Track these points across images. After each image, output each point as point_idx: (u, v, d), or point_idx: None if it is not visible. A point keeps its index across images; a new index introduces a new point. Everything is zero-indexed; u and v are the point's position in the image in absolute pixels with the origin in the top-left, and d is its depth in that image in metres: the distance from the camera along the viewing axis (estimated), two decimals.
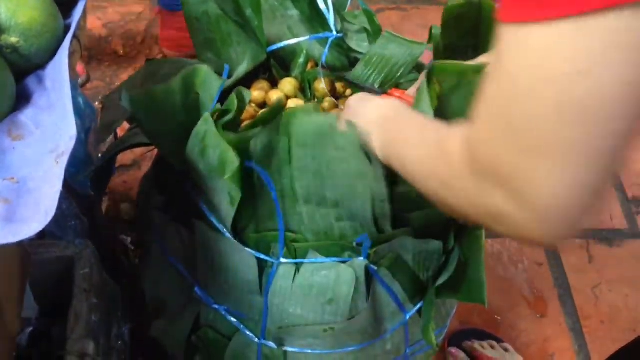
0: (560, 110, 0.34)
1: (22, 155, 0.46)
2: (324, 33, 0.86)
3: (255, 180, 0.68)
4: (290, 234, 0.71)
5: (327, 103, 0.84)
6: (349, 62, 0.89)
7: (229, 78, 0.80)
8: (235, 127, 0.71)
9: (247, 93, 0.71)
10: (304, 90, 0.87)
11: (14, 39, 0.50)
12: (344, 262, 0.71)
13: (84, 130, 0.94)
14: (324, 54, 0.86)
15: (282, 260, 0.71)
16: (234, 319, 0.77)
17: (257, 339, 0.77)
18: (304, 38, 0.87)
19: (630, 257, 1.29)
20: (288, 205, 0.69)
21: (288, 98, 0.84)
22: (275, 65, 0.87)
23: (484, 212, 0.42)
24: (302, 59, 0.88)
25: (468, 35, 0.75)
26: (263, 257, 0.72)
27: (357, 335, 0.75)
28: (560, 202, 0.37)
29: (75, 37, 0.55)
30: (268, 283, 0.73)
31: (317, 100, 0.85)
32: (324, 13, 0.83)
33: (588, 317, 1.20)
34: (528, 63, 0.35)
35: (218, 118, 0.67)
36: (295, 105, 0.81)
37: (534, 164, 0.37)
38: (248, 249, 0.72)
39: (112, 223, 1.19)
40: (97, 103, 1.34)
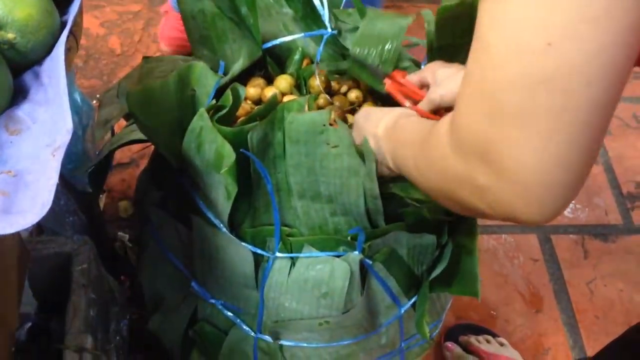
0: (530, 81, 0.36)
1: (19, 149, 0.47)
2: (319, 30, 0.87)
3: (251, 174, 0.68)
4: (286, 229, 0.72)
5: (322, 100, 0.85)
6: (344, 59, 0.89)
7: (225, 75, 0.81)
8: (231, 123, 0.72)
9: (242, 89, 0.71)
10: (300, 87, 0.88)
11: (11, 35, 0.51)
12: (339, 256, 0.72)
13: (81, 127, 0.94)
14: (319, 51, 0.87)
15: (277, 255, 0.72)
16: (231, 313, 0.78)
17: (253, 333, 0.78)
18: (299, 35, 0.87)
19: (625, 252, 1.30)
20: (283, 200, 0.70)
21: (284, 95, 0.84)
22: (271, 63, 0.88)
23: (472, 191, 0.42)
24: (297, 56, 0.88)
25: (462, 35, 0.76)
26: (259, 251, 0.73)
27: (352, 329, 0.76)
28: (536, 173, 0.38)
29: (72, 33, 0.56)
30: (264, 277, 0.73)
31: (312, 97, 0.86)
32: (319, 10, 0.84)
33: (583, 311, 1.21)
34: (502, 34, 0.37)
35: (213, 114, 0.68)
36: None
37: (507, 135, 0.38)
38: (244, 244, 0.72)
39: (110, 220, 1.20)
40: (94, 101, 1.34)
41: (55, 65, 0.51)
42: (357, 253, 0.71)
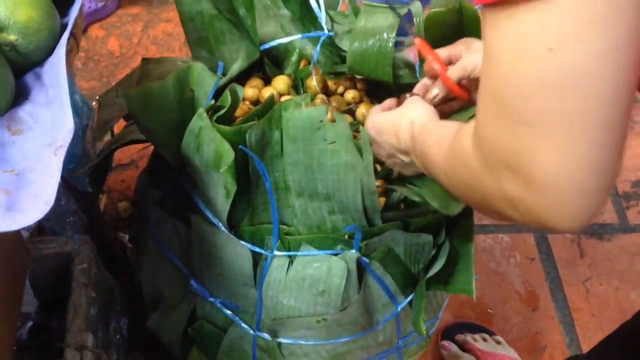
0: (540, 86, 0.35)
1: (21, 149, 0.48)
2: (316, 32, 0.88)
3: (250, 173, 0.69)
4: (284, 227, 0.73)
5: (319, 100, 0.86)
6: (341, 60, 0.90)
7: (224, 76, 0.82)
8: (229, 123, 0.73)
9: (240, 89, 0.72)
10: (297, 88, 0.89)
11: (13, 37, 0.52)
12: (337, 254, 0.73)
13: (82, 128, 0.95)
14: (316, 52, 0.87)
15: (276, 253, 0.73)
16: (229, 311, 0.79)
17: (251, 331, 0.79)
18: (296, 37, 0.88)
19: (621, 251, 1.31)
20: (281, 199, 0.71)
21: (281, 95, 0.85)
22: (269, 64, 0.89)
23: (504, 202, 0.42)
24: (294, 57, 0.89)
25: (451, 40, 0.76)
26: (257, 250, 0.74)
27: (349, 326, 0.77)
28: (563, 179, 0.37)
29: (72, 35, 0.57)
30: (262, 275, 0.74)
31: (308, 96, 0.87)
32: (316, 12, 0.85)
33: (579, 310, 1.22)
34: (504, 41, 0.37)
35: (212, 114, 0.69)
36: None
37: (529, 143, 0.37)
38: (243, 242, 0.73)
39: (110, 221, 1.21)
40: (94, 103, 1.35)
41: (56, 67, 0.52)
42: (354, 251, 0.72)
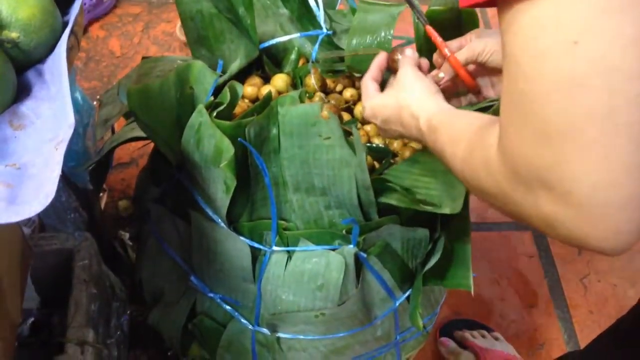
0: (565, 86, 0.32)
1: (23, 144, 0.49)
2: (314, 31, 0.89)
3: (249, 169, 0.70)
4: (282, 222, 0.73)
5: (317, 98, 0.86)
6: (339, 58, 0.91)
7: (223, 74, 0.83)
8: (228, 120, 0.73)
9: (240, 87, 0.73)
10: (296, 86, 0.90)
11: (15, 34, 0.53)
12: (334, 249, 0.73)
13: (82, 126, 0.96)
14: (314, 51, 0.88)
15: (274, 248, 0.74)
16: (229, 307, 0.80)
17: (251, 326, 0.80)
18: (295, 35, 0.89)
19: None
20: (279, 194, 0.72)
21: (280, 93, 0.86)
22: (268, 62, 0.90)
23: (541, 222, 0.38)
24: (293, 56, 0.90)
25: (449, 39, 0.77)
26: (256, 245, 0.74)
27: (347, 321, 0.78)
28: (602, 188, 0.33)
29: (73, 33, 0.58)
30: (261, 270, 0.75)
31: (307, 95, 0.88)
32: (314, 11, 0.86)
33: (577, 307, 1.22)
34: (523, 41, 0.34)
35: (212, 111, 0.70)
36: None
37: (561, 153, 0.33)
38: (242, 238, 0.74)
39: (110, 219, 1.22)
40: (94, 102, 1.36)
41: (58, 64, 0.53)
42: (351, 246, 0.73)
